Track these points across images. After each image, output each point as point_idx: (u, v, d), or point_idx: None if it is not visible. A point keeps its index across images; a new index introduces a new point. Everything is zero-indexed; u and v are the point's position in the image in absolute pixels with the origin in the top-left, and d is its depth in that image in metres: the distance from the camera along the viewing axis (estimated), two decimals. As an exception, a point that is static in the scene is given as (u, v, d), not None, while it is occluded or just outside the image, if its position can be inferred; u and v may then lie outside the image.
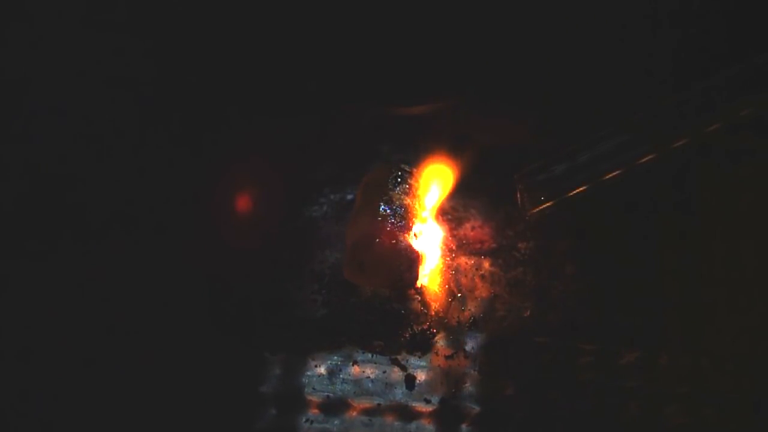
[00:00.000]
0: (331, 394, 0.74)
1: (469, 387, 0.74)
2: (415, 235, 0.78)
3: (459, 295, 0.80)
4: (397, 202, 0.78)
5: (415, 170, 0.83)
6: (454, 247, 0.84)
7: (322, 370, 0.76)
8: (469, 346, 0.77)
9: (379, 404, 0.73)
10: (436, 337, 0.77)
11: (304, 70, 0.91)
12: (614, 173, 0.77)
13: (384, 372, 0.75)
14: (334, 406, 0.74)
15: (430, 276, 0.82)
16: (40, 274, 0.78)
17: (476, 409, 0.73)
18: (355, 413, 0.73)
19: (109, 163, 0.83)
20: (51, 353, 0.75)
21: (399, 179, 0.80)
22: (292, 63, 0.90)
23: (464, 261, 0.83)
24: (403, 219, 0.77)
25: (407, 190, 0.80)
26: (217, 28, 0.87)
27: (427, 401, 0.73)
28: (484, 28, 0.86)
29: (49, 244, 0.80)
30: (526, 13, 0.84)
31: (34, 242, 0.80)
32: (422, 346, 0.77)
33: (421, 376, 0.75)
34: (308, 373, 0.76)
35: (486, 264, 0.82)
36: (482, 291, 0.81)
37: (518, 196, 0.82)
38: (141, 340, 0.76)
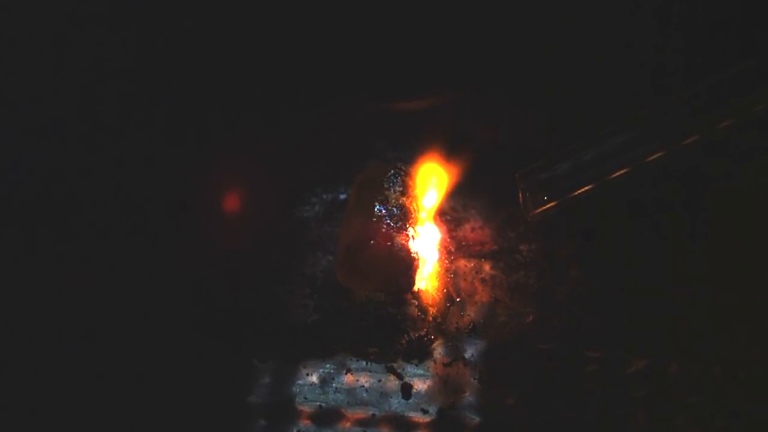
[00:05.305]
0: (323, 404, 0.73)
1: (468, 396, 0.73)
2: (412, 236, 0.76)
3: (458, 299, 0.79)
4: (393, 203, 0.77)
5: (411, 169, 0.82)
6: (452, 250, 0.83)
7: (313, 378, 0.74)
8: (469, 353, 0.75)
9: (373, 414, 0.72)
10: (434, 344, 0.76)
11: (294, 63, 0.89)
12: (621, 172, 0.75)
13: (379, 380, 0.74)
14: (326, 417, 0.72)
15: (428, 280, 0.80)
16: (17, 278, 0.77)
17: (476, 419, 0.71)
18: (348, 424, 0.72)
19: (90, 162, 0.82)
20: (29, 361, 0.74)
21: (395, 178, 0.79)
22: (282, 56, 0.89)
23: (463, 264, 0.82)
24: (400, 220, 0.76)
25: (403, 190, 0.79)
26: (204, 20, 0.86)
27: (425, 411, 0.72)
28: (485, 20, 0.85)
29: (26, 246, 0.79)
30: (529, 3, 0.83)
31: (11, 244, 0.79)
32: (419, 353, 0.75)
33: (418, 385, 0.74)
34: (299, 381, 0.74)
35: (486, 267, 0.81)
36: (482, 295, 0.79)
37: (520, 195, 0.80)
38: (123, 347, 0.75)
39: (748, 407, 0.70)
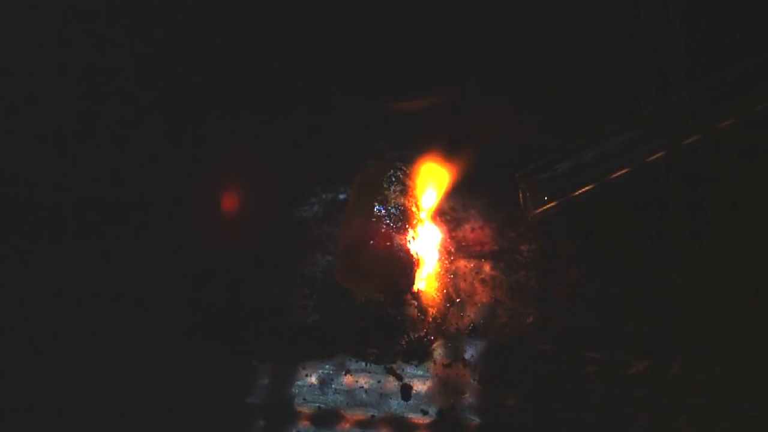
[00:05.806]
0: (322, 405, 0.72)
1: (468, 397, 0.72)
2: (411, 237, 0.76)
3: (458, 300, 0.79)
4: (393, 203, 0.77)
5: (411, 169, 0.82)
6: (452, 250, 0.83)
7: (313, 379, 0.74)
8: (469, 354, 0.75)
9: (373, 416, 0.72)
10: (434, 345, 0.75)
11: (294, 63, 0.89)
12: (622, 172, 0.75)
13: (378, 382, 0.74)
14: (325, 418, 0.72)
15: (428, 280, 0.80)
16: (13, 277, 0.76)
17: (476, 420, 0.71)
18: (348, 425, 0.71)
19: (88, 160, 0.81)
20: (24, 362, 0.73)
21: (394, 178, 0.79)
22: (282, 54, 0.88)
23: (463, 264, 0.81)
24: (399, 220, 0.76)
25: (403, 190, 0.79)
26: (204, 18, 0.85)
27: (425, 413, 0.72)
28: (485, 18, 0.85)
29: (24, 245, 0.78)
30: (529, 2, 0.83)
31: (8, 243, 0.78)
32: (419, 354, 0.75)
33: (417, 386, 0.73)
34: (298, 382, 0.74)
35: (486, 267, 0.81)
36: (482, 296, 0.79)
37: (520, 195, 0.79)
38: (120, 347, 0.74)
39: (749, 408, 0.70)
